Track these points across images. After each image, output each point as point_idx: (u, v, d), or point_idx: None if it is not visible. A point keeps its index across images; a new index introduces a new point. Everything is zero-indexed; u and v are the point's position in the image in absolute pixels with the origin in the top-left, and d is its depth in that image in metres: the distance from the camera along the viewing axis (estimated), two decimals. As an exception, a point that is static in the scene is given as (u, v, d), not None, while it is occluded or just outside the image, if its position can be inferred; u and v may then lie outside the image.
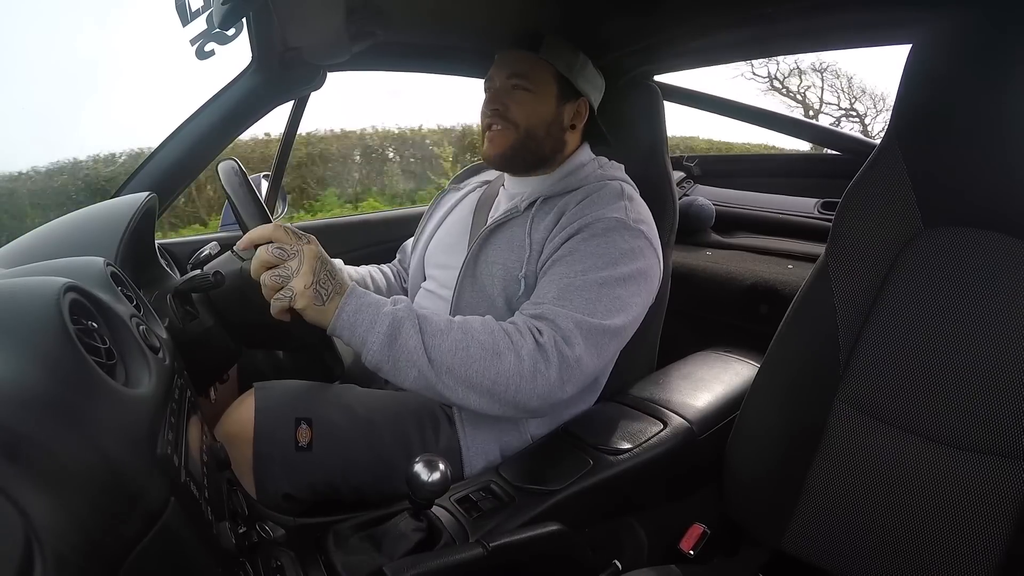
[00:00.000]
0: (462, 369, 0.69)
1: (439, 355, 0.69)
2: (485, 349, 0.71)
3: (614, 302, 0.77)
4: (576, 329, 0.74)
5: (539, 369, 0.71)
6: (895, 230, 0.67)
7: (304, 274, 0.66)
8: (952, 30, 0.62)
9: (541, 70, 0.91)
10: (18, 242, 0.79)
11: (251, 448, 0.73)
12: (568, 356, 0.73)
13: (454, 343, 0.70)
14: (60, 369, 0.33)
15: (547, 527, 0.65)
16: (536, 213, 0.88)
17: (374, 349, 0.68)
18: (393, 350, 0.68)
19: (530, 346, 0.72)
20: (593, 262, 0.79)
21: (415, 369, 0.69)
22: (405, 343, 0.68)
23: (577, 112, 0.95)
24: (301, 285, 0.66)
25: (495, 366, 0.70)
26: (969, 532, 0.62)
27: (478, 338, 0.71)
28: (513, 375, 0.71)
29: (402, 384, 0.70)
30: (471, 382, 0.70)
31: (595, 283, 0.77)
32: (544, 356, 0.72)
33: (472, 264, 0.89)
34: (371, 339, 0.68)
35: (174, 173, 1.08)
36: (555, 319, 0.74)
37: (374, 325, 0.68)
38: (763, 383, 0.77)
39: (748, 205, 1.60)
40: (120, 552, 0.30)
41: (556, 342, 0.73)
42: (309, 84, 1.12)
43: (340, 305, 0.68)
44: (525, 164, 0.95)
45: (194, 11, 0.72)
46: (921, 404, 0.64)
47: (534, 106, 0.91)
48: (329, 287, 0.68)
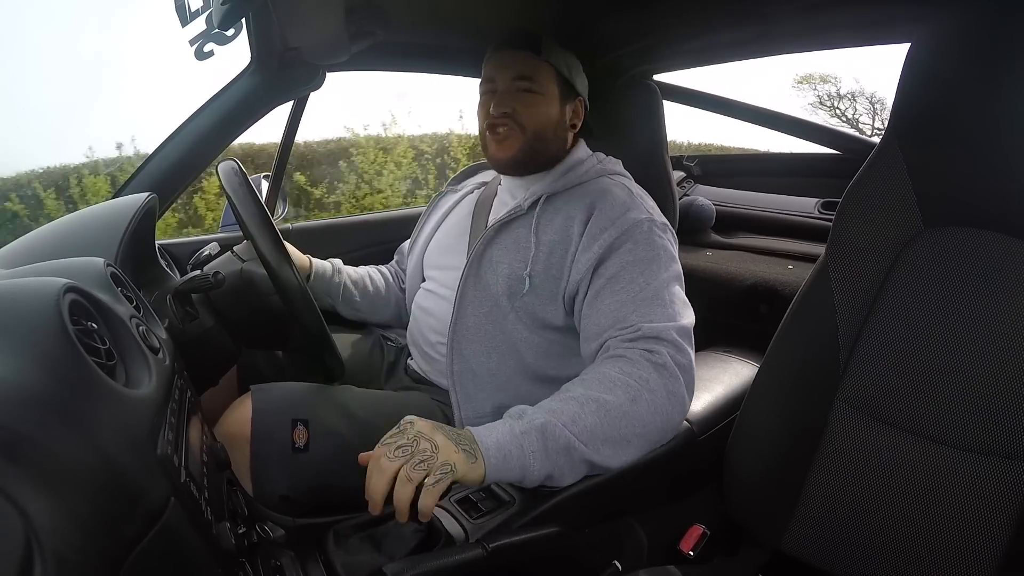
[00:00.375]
0: (616, 434, 0.68)
1: (592, 436, 0.66)
2: (621, 403, 0.69)
3: (682, 301, 0.81)
4: (678, 336, 0.75)
5: (671, 391, 0.72)
6: (895, 230, 0.67)
7: (444, 447, 0.59)
8: (951, 28, 0.62)
9: (544, 72, 0.92)
10: (18, 242, 0.79)
11: (248, 449, 0.73)
12: (685, 365, 0.74)
13: (595, 417, 0.67)
14: (60, 369, 0.33)
15: (547, 528, 0.65)
16: (541, 212, 0.88)
17: (536, 464, 0.63)
18: (552, 453, 0.64)
19: (654, 376, 0.72)
20: (650, 268, 0.80)
21: (576, 461, 0.66)
22: (559, 442, 0.64)
23: (575, 111, 0.95)
24: (455, 458, 0.58)
25: (638, 413, 0.69)
26: (969, 532, 0.62)
27: (608, 399, 0.69)
28: (655, 412, 0.71)
29: (572, 480, 0.68)
30: (627, 440, 0.69)
31: (663, 287, 0.79)
32: (670, 375, 0.73)
33: (476, 264, 0.89)
34: (527, 454, 0.63)
35: (174, 173, 1.07)
36: (658, 335, 0.75)
37: (524, 441, 0.63)
38: (763, 383, 0.77)
39: (748, 205, 1.60)
40: (120, 552, 0.30)
41: (673, 356, 0.73)
42: (309, 84, 1.12)
43: (481, 446, 0.61)
44: (534, 166, 0.95)
45: (193, 11, 0.72)
46: (921, 404, 0.64)
47: (542, 108, 0.91)
48: (463, 438, 0.61)
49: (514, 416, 0.67)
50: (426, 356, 0.97)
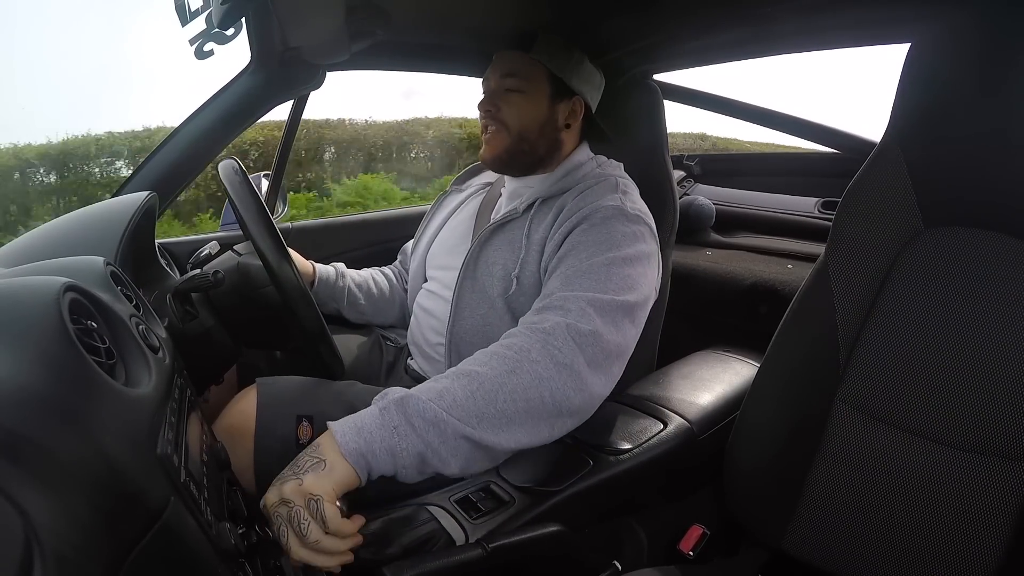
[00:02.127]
0: (490, 408, 0.63)
1: (463, 411, 0.62)
2: (497, 375, 0.65)
3: (624, 280, 0.75)
4: (588, 306, 0.71)
5: (556, 360, 0.67)
6: (895, 230, 0.67)
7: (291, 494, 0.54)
8: (951, 28, 0.62)
9: (533, 70, 0.91)
10: (18, 242, 0.79)
11: (252, 442, 0.73)
12: (584, 330, 0.69)
13: (463, 390, 0.63)
14: (60, 369, 0.33)
15: (547, 528, 0.65)
16: (535, 214, 0.88)
17: (404, 444, 0.59)
18: (419, 433, 0.60)
19: (537, 343, 0.68)
20: (596, 248, 0.78)
21: (450, 440, 0.61)
22: (426, 417, 0.60)
23: (572, 111, 0.94)
24: (301, 493, 0.54)
25: (515, 384, 0.65)
26: (969, 533, 0.62)
27: (481, 371, 0.65)
28: (538, 383, 0.65)
29: (452, 471, 0.63)
30: (507, 414, 0.64)
31: (601, 264, 0.76)
32: (556, 343, 0.67)
33: (472, 265, 0.89)
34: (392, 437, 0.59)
35: (174, 172, 1.07)
36: (563, 303, 0.72)
37: (383, 421, 0.59)
38: (763, 383, 0.77)
39: (748, 205, 1.60)
40: (120, 552, 0.30)
41: (567, 324, 0.69)
42: (308, 83, 1.12)
43: (338, 447, 0.57)
44: (521, 166, 0.95)
45: (193, 11, 0.72)
46: (921, 404, 0.64)
47: (526, 107, 0.91)
48: (305, 459, 0.57)
49: (377, 399, 0.63)
50: (426, 356, 0.97)
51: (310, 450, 0.58)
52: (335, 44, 0.98)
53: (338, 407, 0.79)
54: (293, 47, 1.02)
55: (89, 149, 4.91)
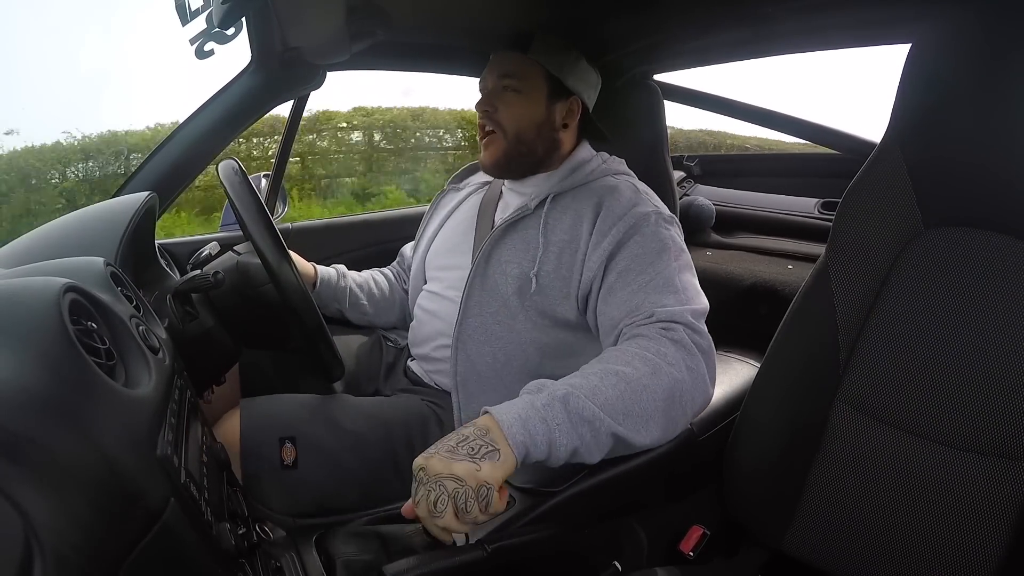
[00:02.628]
0: (638, 407, 0.65)
1: (614, 408, 0.63)
2: (641, 375, 0.66)
3: (694, 284, 0.81)
4: (693, 318, 0.74)
5: (690, 366, 0.70)
6: (895, 230, 0.67)
7: (466, 474, 0.55)
8: (952, 29, 0.62)
9: (530, 70, 0.91)
10: (18, 242, 0.79)
11: (239, 467, 0.73)
12: (703, 345, 0.73)
13: (613, 389, 0.64)
14: (60, 370, 0.33)
15: (547, 528, 0.65)
16: (549, 212, 0.87)
17: (563, 438, 0.60)
18: (576, 425, 0.61)
19: (672, 350, 0.70)
20: (658, 258, 0.80)
21: (603, 433, 0.62)
22: (583, 414, 0.61)
23: (569, 111, 0.94)
24: (477, 476, 0.55)
25: (659, 384, 0.66)
26: (969, 533, 0.62)
27: (626, 371, 0.66)
28: (675, 385, 0.68)
29: (594, 460, 0.64)
30: (649, 413, 0.65)
31: (674, 276, 0.79)
32: (688, 351, 0.71)
33: (483, 264, 0.89)
34: (552, 429, 0.60)
35: (174, 173, 1.07)
36: (671, 316, 0.73)
37: (548, 415, 0.60)
38: (763, 383, 0.77)
39: (748, 205, 1.60)
40: (120, 552, 0.30)
41: (690, 335, 0.72)
42: (309, 84, 1.12)
43: (506, 438, 0.58)
44: (521, 168, 0.95)
45: (194, 11, 0.72)
46: (921, 404, 0.64)
47: (523, 108, 0.91)
48: (478, 440, 0.58)
49: (532, 391, 0.64)
50: (428, 358, 0.96)
51: (480, 433, 0.58)
52: (335, 44, 0.98)
53: (319, 424, 0.79)
54: (293, 47, 1.02)
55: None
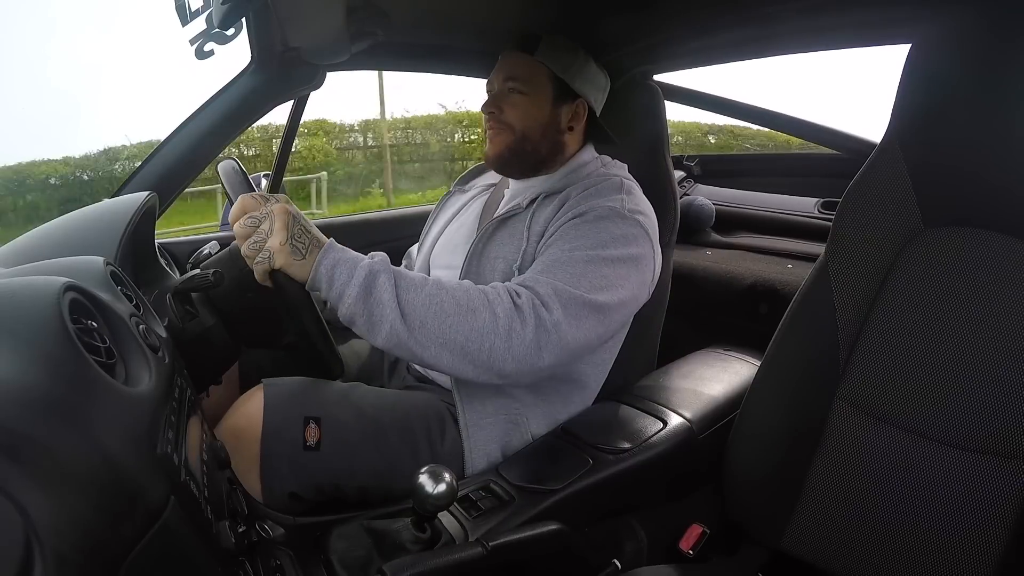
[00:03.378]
0: (435, 323, 0.68)
1: (412, 309, 0.68)
2: (460, 305, 0.70)
3: (599, 279, 0.76)
4: (554, 295, 0.73)
5: (514, 328, 0.70)
6: (895, 229, 0.67)
7: (277, 231, 0.66)
8: (952, 29, 0.62)
9: (536, 72, 0.91)
10: (18, 241, 0.79)
11: (259, 445, 0.73)
12: (545, 319, 0.71)
13: (428, 297, 0.69)
14: (60, 368, 0.33)
15: (547, 526, 0.65)
16: (537, 208, 0.88)
17: (349, 302, 0.67)
18: (368, 303, 0.67)
19: (506, 305, 0.71)
20: (582, 242, 0.79)
21: (387, 323, 0.68)
22: (379, 296, 0.67)
23: (575, 114, 0.94)
24: (276, 242, 0.66)
25: (468, 322, 0.69)
26: (969, 532, 0.62)
27: (453, 294, 0.70)
28: (487, 332, 0.69)
29: (375, 340, 0.69)
30: (444, 338, 0.69)
31: (581, 260, 0.77)
32: (520, 316, 0.71)
33: (475, 261, 0.89)
34: (347, 292, 0.67)
35: (174, 173, 1.08)
36: (534, 285, 0.74)
37: (351, 278, 0.67)
38: (763, 382, 0.77)
39: (748, 205, 1.61)
40: (120, 551, 0.30)
41: (534, 304, 0.72)
42: (309, 84, 1.13)
43: (318, 258, 0.67)
44: (523, 167, 0.95)
45: (194, 11, 0.72)
46: (921, 403, 0.64)
47: (528, 108, 0.91)
48: (306, 240, 0.68)
49: (375, 256, 0.71)
50: None
51: (313, 242, 0.68)
52: (335, 44, 0.98)
53: (345, 408, 0.79)
54: (293, 47, 1.03)
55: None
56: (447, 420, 0.84)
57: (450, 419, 0.85)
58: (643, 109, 1.12)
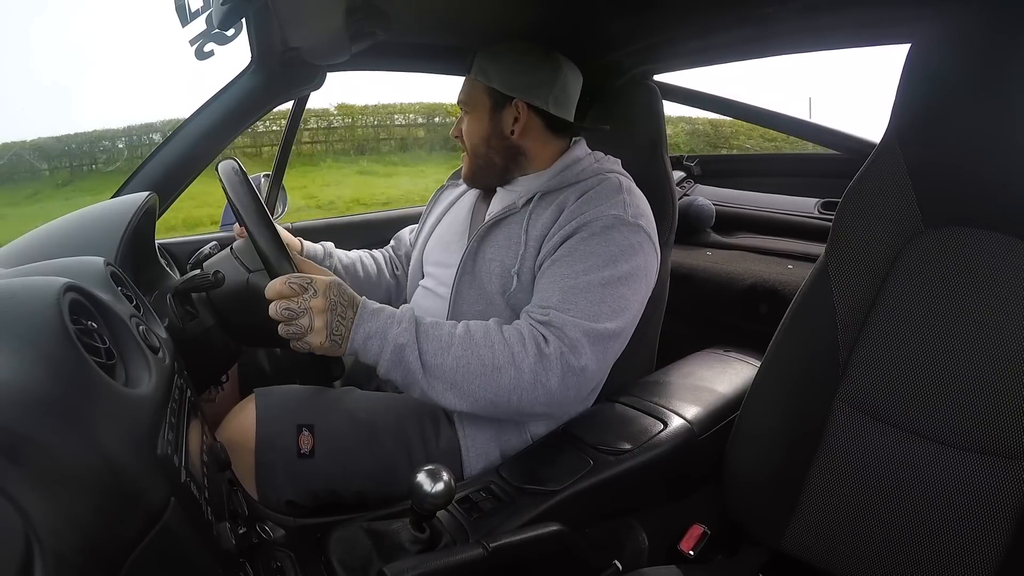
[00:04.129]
0: (463, 384, 0.73)
1: (440, 373, 0.72)
2: (485, 365, 0.73)
3: (617, 302, 0.78)
4: (584, 338, 0.75)
5: (539, 380, 0.73)
6: (895, 230, 0.67)
7: (317, 331, 0.69)
8: (952, 29, 0.62)
9: (473, 89, 0.95)
10: (18, 242, 0.79)
11: (253, 456, 0.73)
12: (574, 366, 0.74)
13: (454, 361, 0.73)
14: (60, 369, 0.33)
15: (547, 527, 0.65)
16: (534, 209, 0.88)
17: (382, 371, 0.73)
18: (399, 371, 0.72)
19: (531, 359, 0.73)
20: (594, 261, 0.79)
21: (418, 389, 0.73)
22: (408, 366, 0.72)
23: (516, 116, 0.93)
24: (317, 341, 0.69)
25: (495, 381, 0.72)
26: (969, 532, 0.62)
27: (478, 353, 0.73)
28: (514, 388, 0.73)
29: (413, 396, 0.75)
30: (474, 397, 0.73)
31: (598, 283, 0.78)
32: (546, 367, 0.73)
33: (471, 262, 0.89)
34: (380, 363, 0.72)
35: (174, 173, 1.08)
36: (562, 327, 0.75)
37: (382, 351, 0.72)
38: (763, 383, 0.77)
39: (748, 205, 1.60)
40: (120, 552, 0.30)
41: (562, 353, 0.74)
42: (309, 84, 1.13)
43: (350, 338, 0.71)
44: (490, 179, 0.97)
45: (193, 11, 0.72)
46: (921, 404, 0.64)
47: (472, 125, 0.95)
48: (342, 330, 0.71)
49: (395, 320, 0.73)
50: None
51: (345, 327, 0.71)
52: (335, 45, 0.98)
53: (337, 414, 0.79)
54: (293, 47, 1.03)
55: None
56: (441, 418, 0.84)
57: (444, 418, 0.85)
58: (642, 109, 1.12)
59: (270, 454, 0.73)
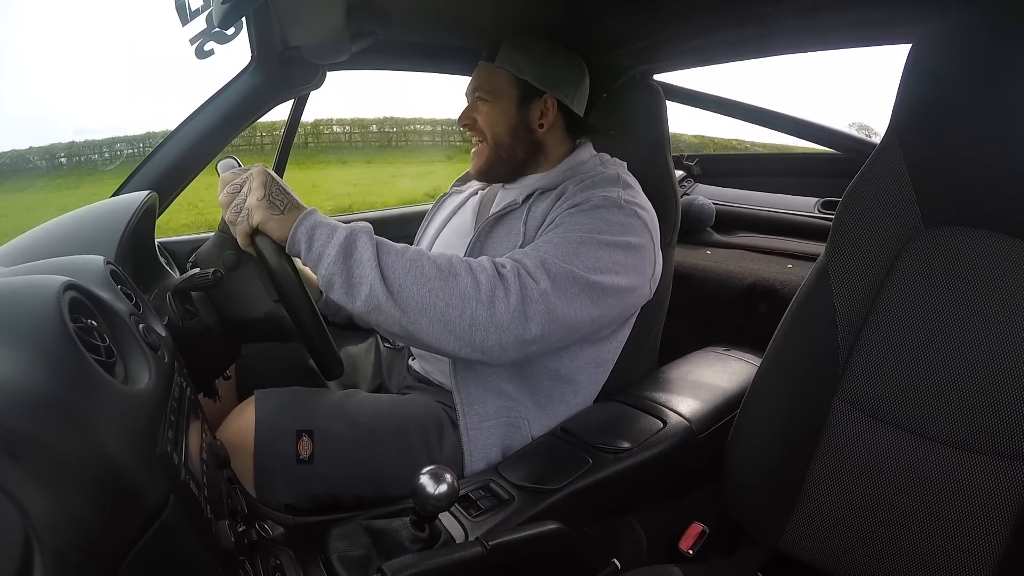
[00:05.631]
0: (414, 288, 0.67)
1: (392, 272, 0.67)
2: (440, 270, 0.69)
3: (592, 260, 0.75)
4: (541, 266, 0.72)
5: (497, 295, 0.69)
6: (895, 229, 0.67)
7: (255, 189, 0.69)
8: (952, 29, 0.62)
9: (498, 78, 0.93)
10: (18, 240, 0.79)
11: (251, 459, 0.73)
12: (531, 287, 0.70)
13: (408, 261, 0.69)
14: (60, 367, 0.33)
15: (546, 526, 0.65)
16: (533, 203, 0.89)
17: (328, 261, 0.67)
18: (347, 264, 0.67)
19: (489, 273, 0.70)
20: (576, 228, 0.78)
21: (367, 285, 0.67)
22: (360, 257, 0.67)
23: (544, 110, 0.93)
24: (254, 199, 0.68)
25: (449, 286, 0.68)
26: (968, 532, 0.62)
27: (434, 260, 0.70)
28: (469, 299, 0.68)
29: (353, 305, 0.68)
30: (424, 303, 0.67)
31: (574, 241, 0.76)
32: (504, 284, 0.70)
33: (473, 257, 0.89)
34: (327, 252, 0.67)
35: (174, 171, 1.08)
36: (521, 258, 0.73)
37: (331, 239, 0.67)
38: (762, 382, 0.77)
39: (748, 204, 1.60)
40: (119, 550, 0.30)
41: (519, 273, 0.71)
42: (309, 83, 1.13)
43: (298, 219, 0.69)
44: (505, 172, 0.96)
45: (194, 10, 0.72)
46: (920, 404, 0.64)
47: (494, 114, 0.93)
48: (284, 199, 0.70)
49: (347, 226, 0.70)
50: (429, 356, 0.97)
51: (291, 202, 0.70)
52: (335, 44, 0.98)
53: (338, 419, 0.78)
54: (293, 47, 1.03)
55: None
56: (446, 425, 0.84)
57: (449, 424, 0.84)
58: (644, 109, 1.12)
59: (269, 458, 0.73)
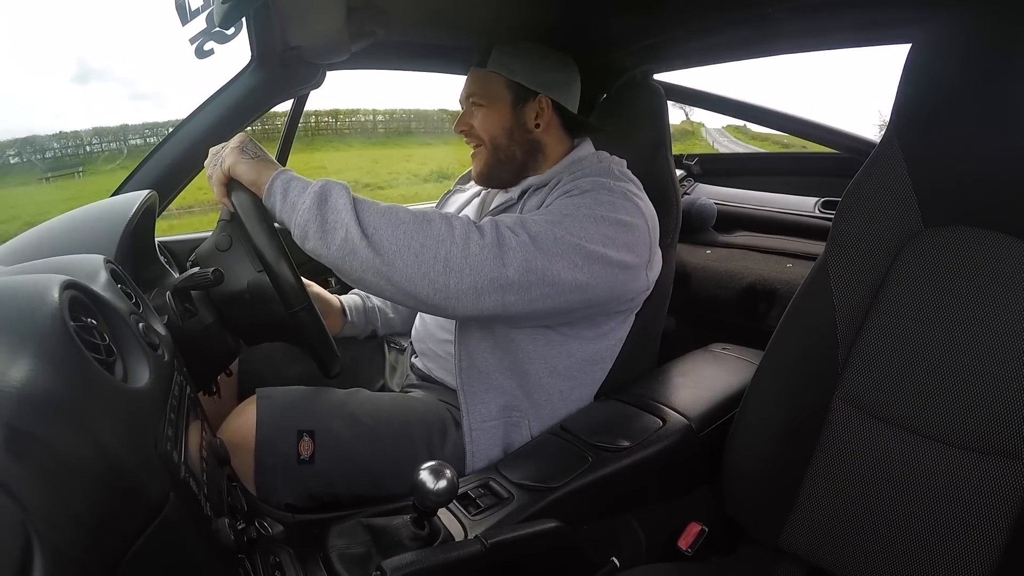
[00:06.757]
0: (389, 230, 0.67)
1: (366, 216, 0.68)
2: (415, 216, 0.69)
3: (579, 229, 0.74)
4: (521, 224, 0.72)
5: (472, 238, 0.69)
6: (895, 229, 0.67)
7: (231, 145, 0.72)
8: (952, 29, 0.62)
9: (491, 82, 0.94)
10: (18, 239, 0.80)
11: (252, 458, 0.73)
12: (507, 236, 0.70)
13: (384, 208, 0.70)
14: (60, 366, 0.33)
15: (545, 524, 0.65)
16: (528, 197, 0.89)
17: (303, 209, 0.67)
18: (322, 210, 0.67)
19: (465, 221, 0.71)
20: (564, 207, 0.78)
21: (342, 229, 0.67)
22: (335, 203, 0.67)
23: (540, 110, 0.94)
24: (227, 151, 0.71)
25: (424, 229, 0.68)
26: (967, 531, 0.62)
27: (409, 209, 0.71)
28: (443, 239, 0.68)
29: (328, 251, 0.68)
30: (398, 244, 0.67)
31: (559, 213, 0.76)
32: (479, 231, 0.70)
33: None
34: (301, 200, 0.68)
35: (174, 171, 1.08)
36: (501, 218, 0.74)
37: (306, 189, 0.68)
38: (762, 380, 0.77)
39: (748, 204, 1.60)
40: (119, 547, 0.30)
41: (496, 225, 0.71)
42: (309, 83, 1.13)
43: (274, 175, 0.70)
44: (506, 175, 0.96)
45: (194, 10, 0.72)
46: (920, 403, 0.64)
47: (490, 117, 0.93)
48: (256, 151, 0.72)
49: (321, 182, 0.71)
50: (432, 355, 0.97)
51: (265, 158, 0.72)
52: (335, 44, 0.98)
53: (339, 419, 0.78)
54: (294, 46, 1.03)
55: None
56: (449, 425, 0.84)
57: (452, 423, 0.85)
58: (645, 108, 1.12)
59: (270, 458, 0.73)
